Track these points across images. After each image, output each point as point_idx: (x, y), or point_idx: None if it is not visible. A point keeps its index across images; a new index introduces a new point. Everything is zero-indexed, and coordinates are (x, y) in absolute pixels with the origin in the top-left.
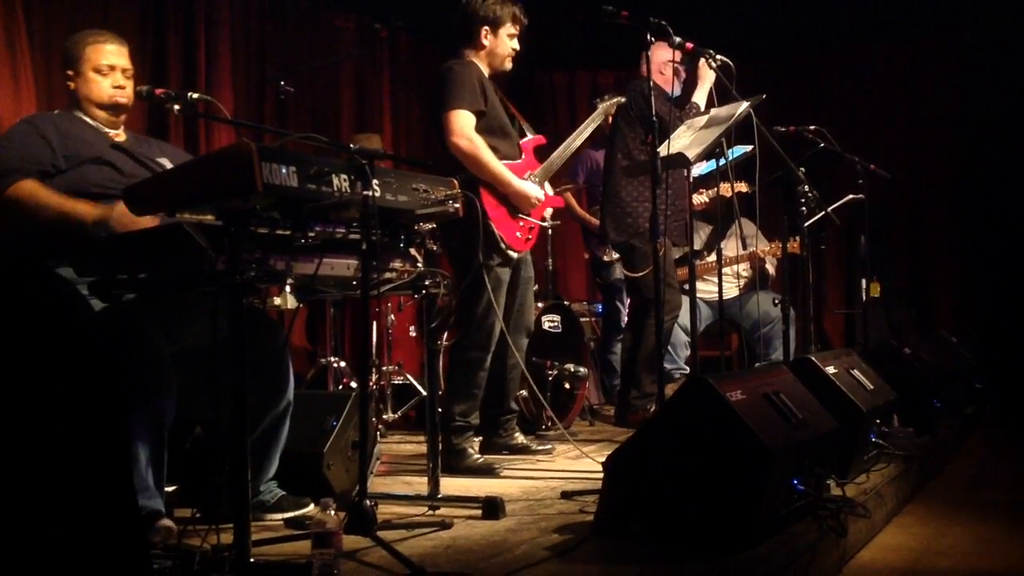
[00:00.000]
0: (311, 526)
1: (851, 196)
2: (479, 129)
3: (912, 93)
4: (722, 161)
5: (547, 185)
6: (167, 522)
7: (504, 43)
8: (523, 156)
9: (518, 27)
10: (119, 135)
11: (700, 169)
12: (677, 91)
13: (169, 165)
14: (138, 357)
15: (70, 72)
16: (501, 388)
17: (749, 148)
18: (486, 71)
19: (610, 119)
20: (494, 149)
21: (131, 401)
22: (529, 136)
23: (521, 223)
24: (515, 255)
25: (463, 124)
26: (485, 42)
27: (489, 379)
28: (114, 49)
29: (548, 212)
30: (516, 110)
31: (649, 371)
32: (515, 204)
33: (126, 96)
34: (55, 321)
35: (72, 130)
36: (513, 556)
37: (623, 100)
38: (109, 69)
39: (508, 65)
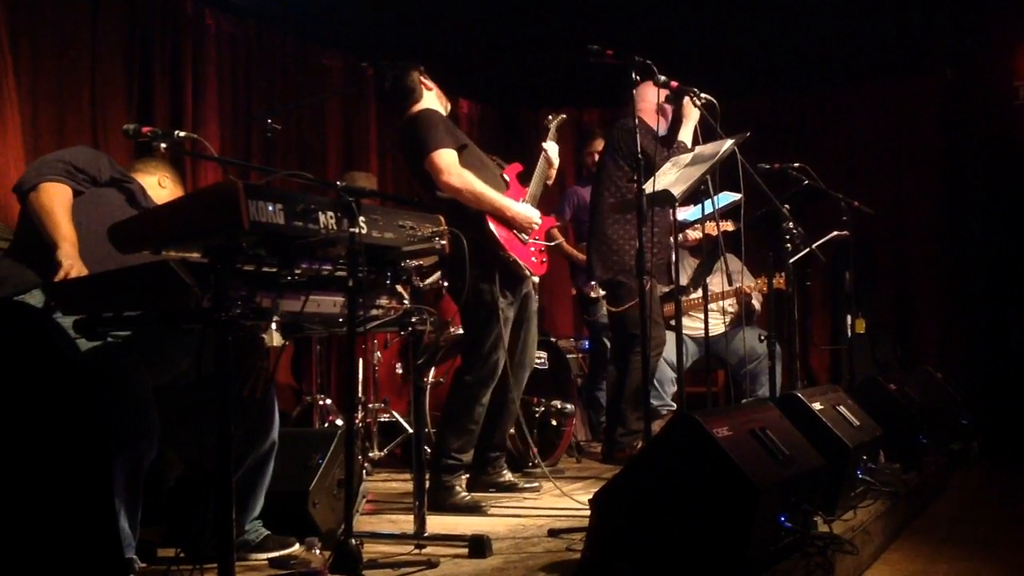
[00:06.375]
0: (296, 566)
1: (836, 233)
2: (462, 165)
3: (895, 130)
4: (708, 206)
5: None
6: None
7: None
8: (509, 184)
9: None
10: None
11: (687, 214)
12: (663, 130)
13: None
14: (120, 400)
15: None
16: (493, 425)
17: (737, 196)
18: (444, 112)
19: (596, 156)
20: None
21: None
22: (505, 166)
23: (531, 247)
24: (536, 278)
25: (450, 162)
26: (430, 84)
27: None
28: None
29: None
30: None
31: (634, 408)
32: (519, 228)
33: None
34: (43, 363)
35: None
36: None
37: (564, 117)
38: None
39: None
